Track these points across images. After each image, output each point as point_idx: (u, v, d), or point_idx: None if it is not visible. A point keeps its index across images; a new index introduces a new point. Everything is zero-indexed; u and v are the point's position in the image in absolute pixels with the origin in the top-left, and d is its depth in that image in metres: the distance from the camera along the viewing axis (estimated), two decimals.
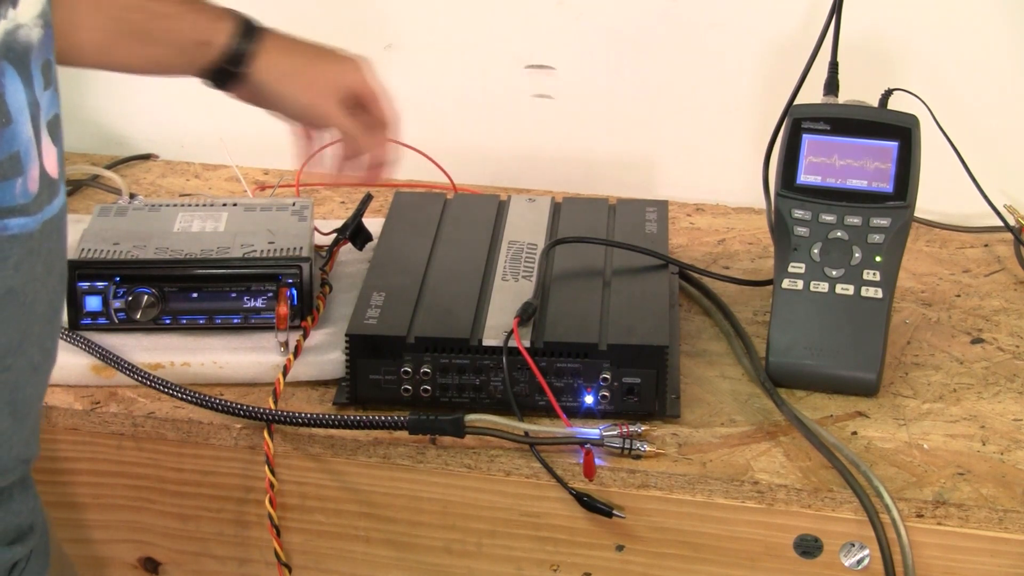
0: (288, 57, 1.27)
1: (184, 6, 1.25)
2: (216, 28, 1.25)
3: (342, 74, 1.29)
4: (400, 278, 1.37)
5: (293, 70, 1.27)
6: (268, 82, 1.27)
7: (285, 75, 1.27)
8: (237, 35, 1.25)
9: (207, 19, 1.25)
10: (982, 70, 1.65)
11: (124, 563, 1.35)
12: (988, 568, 1.19)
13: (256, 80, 1.27)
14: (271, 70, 1.27)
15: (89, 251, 1.37)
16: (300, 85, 1.28)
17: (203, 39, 1.25)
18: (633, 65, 1.72)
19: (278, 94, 1.28)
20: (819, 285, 1.32)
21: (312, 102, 1.28)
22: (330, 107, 1.28)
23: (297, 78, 1.27)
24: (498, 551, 1.27)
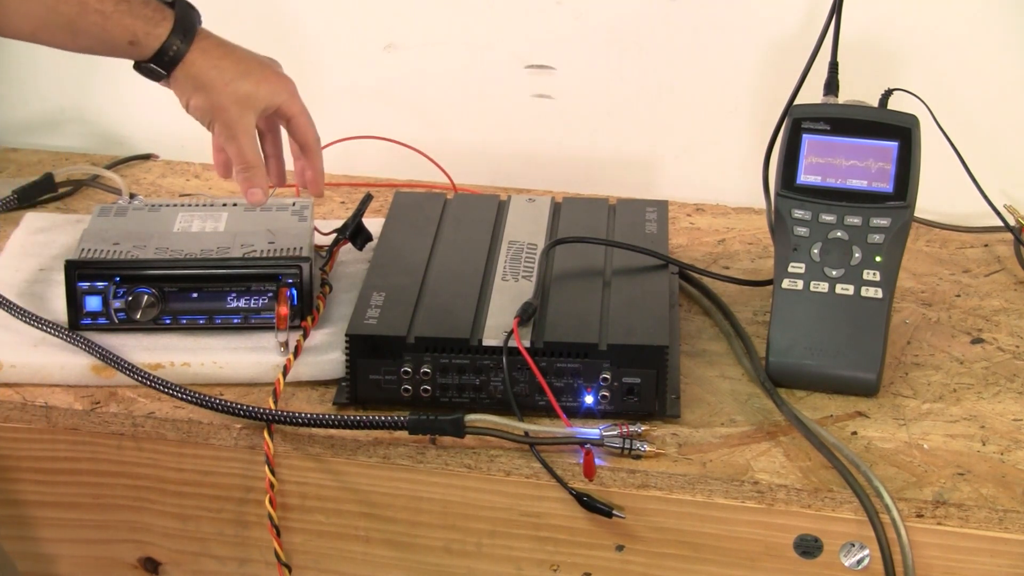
0: (210, 73, 1.30)
1: (121, 5, 1.27)
2: (149, 32, 1.28)
3: (264, 94, 1.32)
4: (400, 278, 1.37)
5: (209, 86, 1.30)
6: (184, 90, 1.31)
7: (199, 89, 1.30)
8: (167, 42, 1.29)
9: (141, 21, 1.28)
10: (982, 70, 1.65)
11: (124, 563, 1.35)
12: (988, 568, 1.19)
13: (179, 83, 1.31)
14: (189, 81, 1.30)
15: (89, 251, 1.37)
16: (212, 103, 1.31)
17: (133, 39, 1.28)
18: (633, 65, 1.72)
19: (191, 104, 1.32)
20: (819, 285, 1.32)
21: (218, 120, 1.31)
22: (237, 132, 1.31)
23: (210, 95, 1.31)
24: (498, 551, 1.27)
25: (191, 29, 1.30)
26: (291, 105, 1.34)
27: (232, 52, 1.32)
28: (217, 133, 1.32)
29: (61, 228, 1.55)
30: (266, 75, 1.33)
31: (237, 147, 1.32)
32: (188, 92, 1.31)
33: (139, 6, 1.28)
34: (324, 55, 1.78)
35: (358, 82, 1.79)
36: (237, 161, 1.32)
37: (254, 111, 1.32)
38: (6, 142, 1.87)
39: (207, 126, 1.33)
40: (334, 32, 1.78)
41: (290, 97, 1.34)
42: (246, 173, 1.32)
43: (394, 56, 1.77)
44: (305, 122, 1.36)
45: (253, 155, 1.32)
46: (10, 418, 1.31)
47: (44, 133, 1.85)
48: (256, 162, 1.33)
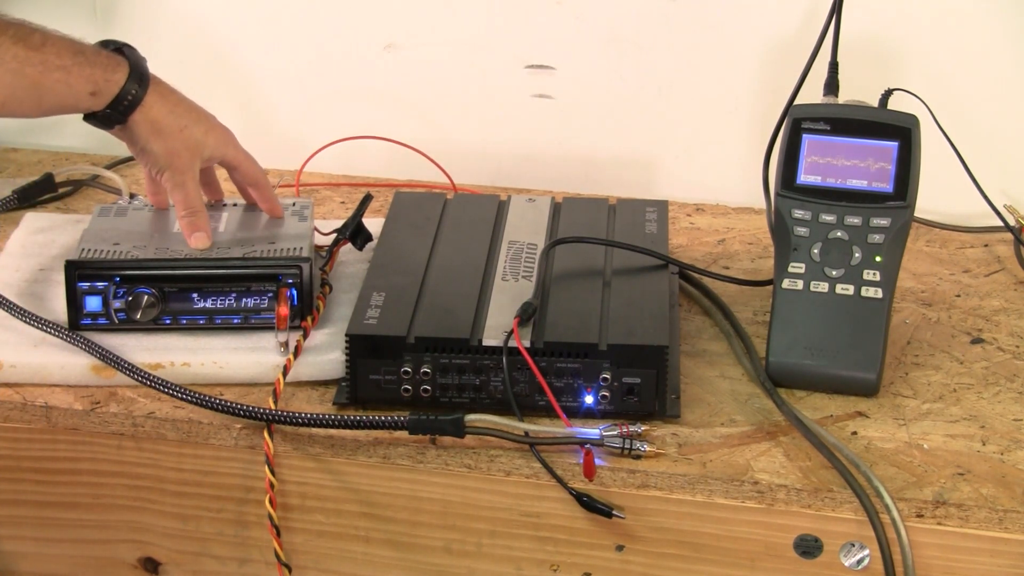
0: (168, 118, 1.37)
1: (77, 57, 1.32)
2: (107, 79, 1.33)
3: (213, 144, 1.40)
4: (400, 278, 1.37)
5: (166, 131, 1.36)
6: (141, 135, 1.36)
7: (156, 134, 1.37)
8: (126, 87, 1.34)
9: (100, 70, 1.33)
10: (982, 70, 1.65)
11: (124, 563, 1.35)
12: (988, 568, 1.19)
13: (131, 129, 1.36)
14: (146, 124, 1.36)
15: (89, 251, 1.37)
16: (167, 148, 1.37)
17: (94, 90, 1.33)
18: (633, 65, 1.72)
19: (145, 149, 1.38)
20: (819, 285, 1.32)
21: (172, 165, 1.38)
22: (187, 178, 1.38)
23: (166, 140, 1.37)
24: (498, 551, 1.27)
25: (145, 74, 1.36)
26: (236, 155, 1.43)
27: (182, 99, 1.40)
28: (166, 179, 1.38)
29: (61, 228, 1.55)
30: (213, 125, 1.41)
31: (184, 193, 1.38)
32: (144, 137, 1.37)
33: (93, 55, 1.34)
34: (324, 55, 1.78)
35: (358, 82, 1.79)
36: (182, 206, 1.38)
37: (201, 158, 1.39)
38: (6, 142, 1.87)
39: (158, 170, 1.38)
40: (334, 32, 1.78)
41: (234, 147, 1.43)
42: (191, 218, 1.38)
43: (394, 56, 1.77)
44: (251, 167, 1.44)
45: (198, 201, 1.39)
46: (10, 418, 1.31)
47: (44, 133, 1.85)
48: (199, 207, 1.39)
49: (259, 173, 1.45)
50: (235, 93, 1.81)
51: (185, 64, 1.80)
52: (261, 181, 1.45)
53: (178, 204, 1.38)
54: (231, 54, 1.81)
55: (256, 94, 1.81)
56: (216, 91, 1.82)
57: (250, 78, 1.80)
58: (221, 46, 1.81)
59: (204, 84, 1.81)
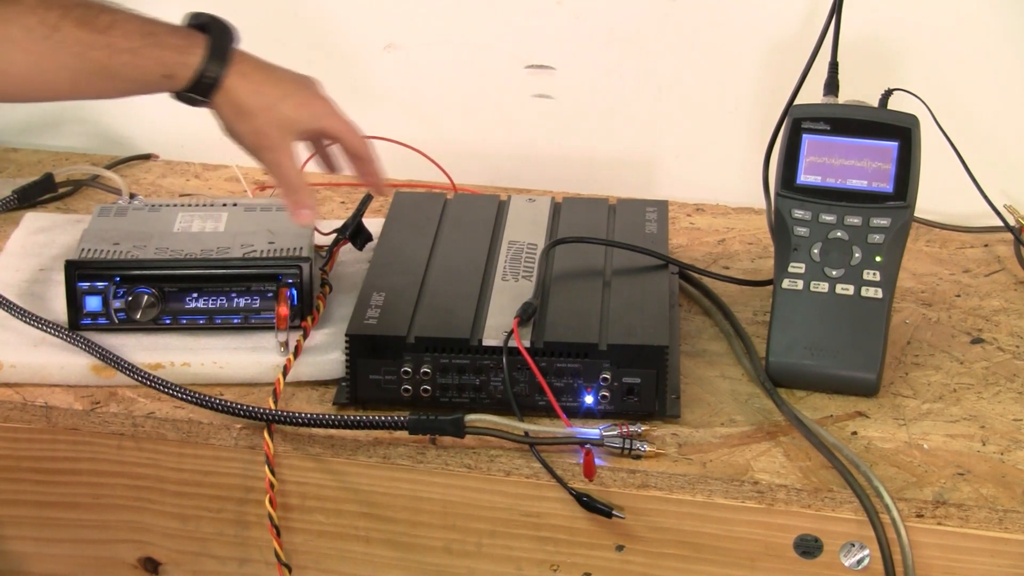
0: (250, 98, 1.28)
1: (148, 39, 1.25)
2: (181, 62, 1.26)
3: (306, 118, 1.30)
4: (400, 278, 1.37)
5: (251, 111, 1.28)
6: (225, 116, 1.29)
7: (241, 115, 1.28)
8: (202, 67, 1.26)
9: (172, 52, 1.25)
10: (982, 70, 1.65)
11: (124, 563, 1.35)
12: (988, 568, 1.19)
13: (220, 109, 1.28)
14: (229, 107, 1.28)
15: (89, 251, 1.37)
16: (254, 128, 1.29)
17: (168, 73, 1.26)
18: (633, 65, 1.72)
19: (232, 130, 1.30)
20: (819, 285, 1.32)
21: (261, 145, 1.29)
22: (280, 156, 1.29)
23: (252, 120, 1.28)
24: (498, 551, 1.27)
25: (226, 52, 1.27)
26: (334, 125, 1.32)
27: (271, 74, 1.30)
28: (259, 158, 1.30)
29: (61, 228, 1.55)
30: (305, 98, 1.31)
31: (281, 171, 1.30)
32: (229, 117, 1.29)
33: (168, 36, 1.26)
34: (324, 55, 1.78)
35: (358, 82, 1.79)
36: (282, 183, 1.30)
37: (295, 134, 1.30)
38: (6, 142, 1.87)
39: (248, 151, 1.31)
40: (334, 32, 1.78)
41: (331, 118, 1.32)
42: (293, 196, 1.30)
43: (394, 56, 1.77)
44: (352, 138, 1.33)
45: (297, 177, 1.30)
46: (10, 418, 1.31)
47: (44, 133, 1.85)
48: (300, 183, 1.30)
49: (361, 145, 1.34)
50: None
51: None
52: (363, 153, 1.34)
53: (277, 183, 1.31)
54: None
55: None
56: None
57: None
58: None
59: None
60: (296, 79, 1.32)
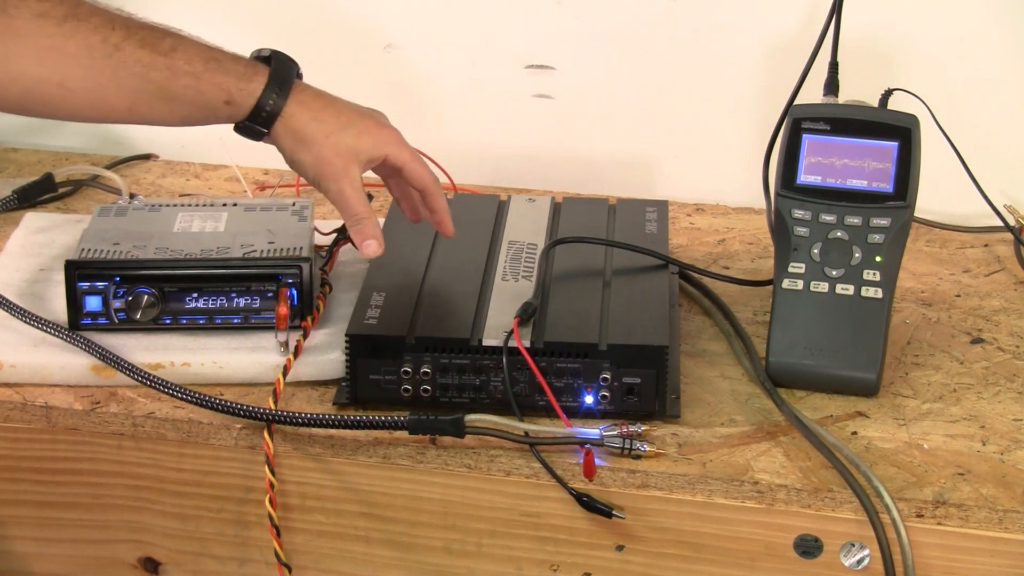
0: (311, 125, 1.27)
1: (210, 64, 1.24)
2: (242, 88, 1.25)
3: (368, 146, 1.29)
4: (400, 278, 1.37)
5: (311, 140, 1.27)
6: (286, 146, 1.28)
7: (302, 144, 1.27)
8: (263, 97, 1.25)
9: (234, 78, 1.25)
10: (982, 70, 1.65)
11: (124, 563, 1.35)
12: (988, 568, 1.19)
13: (280, 138, 1.27)
14: (290, 136, 1.27)
15: (89, 251, 1.37)
16: (315, 157, 1.27)
17: (228, 99, 1.25)
18: (633, 65, 1.72)
19: (293, 160, 1.29)
20: (819, 285, 1.32)
21: (323, 174, 1.28)
22: (344, 185, 1.27)
23: (313, 148, 1.27)
24: (498, 551, 1.27)
25: (287, 82, 1.27)
26: (399, 155, 1.30)
27: (332, 104, 1.29)
28: (323, 187, 1.29)
29: (61, 228, 1.55)
30: (367, 126, 1.29)
31: (344, 201, 1.28)
32: (290, 147, 1.28)
33: (230, 63, 1.25)
34: (324, 55, 1.78)
35: (358, 82, 1.78)
36: (346, 214, 1.29)
37: (358, 163, 1.28)
38: (6, 142, 1.87)
39: (311, 181, 1.30)
40: (334, 32, 1.78)
41: (396, 147, 1.30)
42: (358, 226, 1.29)
43: (394, 56, 1.77)
44: (417, 168, 1.32)
45: (361, 207, 1.29)
46: (10, 418, 1.31)
47: (44, 133, 1.85)
48: (365, 213, 1.29)
49: (427, 177, 1.32)
50: None
51: None
52: (429, 186, 1.33)
53: (343, 213, 1.29)
54: None
55: None
56: None
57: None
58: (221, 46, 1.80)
59: None
60: (359, 109, 1.31)
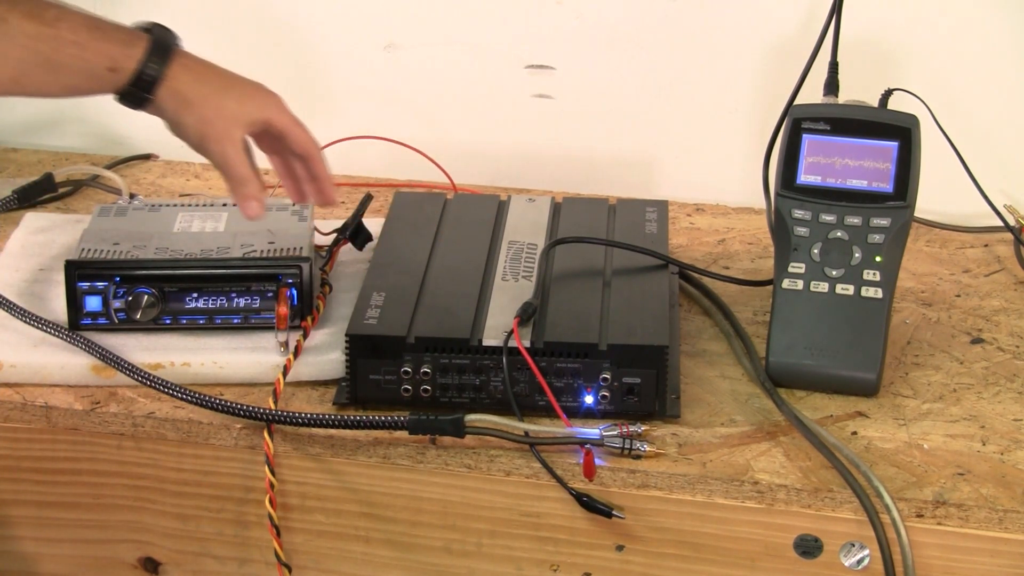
0: (194, 87, 1.27)
1: (94, 32, 1.25)
2: (126, 54, 1.25)
3: (251, 109, 1.29)
4: (400, 278, 1.37)
5: (195, 101, 1.27)
6: (169, 109, 1.28)
7: (185, 105, 1.27)
8: (146, 61, 1.26)
9: (117, 45, 1.25)
10: (982, 70, 1.65)
11: (124, 563, 1.35)
12: (988, 568, 1.19)
13: (160, 106, 1.27)
14: (174, 98, 1.27)
15: (89, 251, 1.37)
16: (199, 117, 1.27)
17: (112, 66, 1.25)
18: (633, 65, 1.72)
19: (177, 123, 1.28)
20: (819, 285, 1.32)
21: (207, 135, 1.28)
22: (226, 146, 1.28)
23: (197, 109, 1.27)
24: (498, 551, 1.27)
25: (168, 47, 1.28)
26: (280, 118, 1.31)
27: (214, 68, 1.30)
28: (207, 149, 1.29)
29: (61, 228, 1.55)
30: (251, 90, 1.30)
31: (227, 162, 1.28)
32: (174, 110, 1.28)
33: (113, 31, 1.26)
34: (324, 55, 1.78)
35: (358, 82, 1.79)
36: (229, 175, 1.29)
37: (241, 125, 1.29)
38: (6, 142, 1.87)
39: (194, 144, 1.29)
40: (334, 32, 1.78)
41: (278, 111, 1.31)
42: (241, 188, 1.29)
43: (394, 56, 1.77)
44: (300, 133, 1.31)
45: (244, 168, 1.28)
46: (10, 418, 1.31)
47: (44, 133, 1.85)
48: (249, 175, 1.29)
49: (310, 142, 1.31)
50: None
51: None
52: (312, 152, 1.32)
53: (224, 175, 1.28)
54: (231, 54, 1.80)
55: None
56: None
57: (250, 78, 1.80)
58: (221, 46, 1.80)
59: None
60: (237, 76, 1.32)
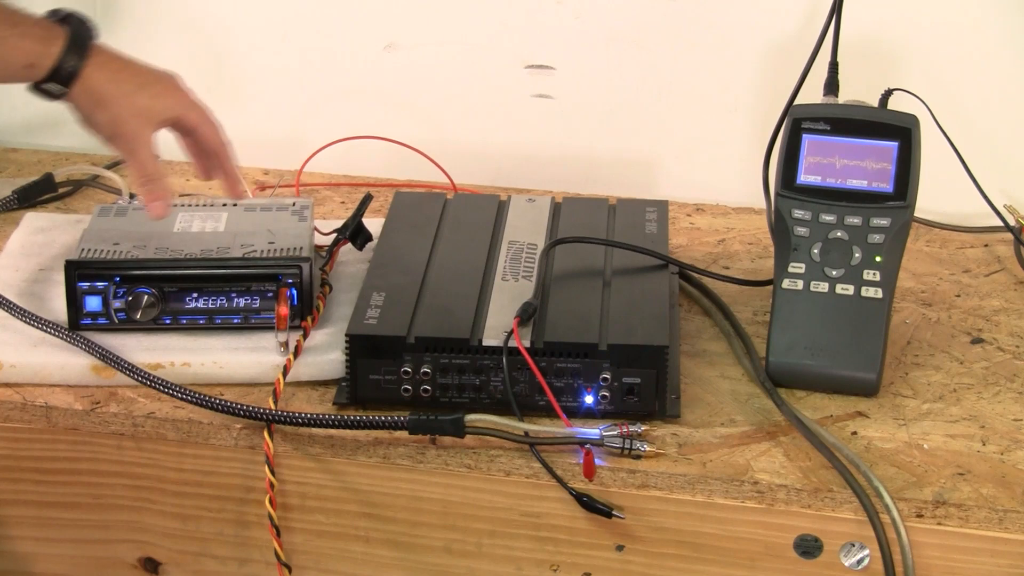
0: (108, 86, 1.30)
1: (13, 28, 1.26)
2: (42, 51, 1.27)
3: (163, 107, 1.32)
4: (400, 278, 1.37)
5: (108, 99, 1.30)
6: (83, 106, 1.30)
7: (98, 103, 1.30)
8: (63, 58, 1.28)
9: (35, 41, 1.27)
10: (982, 70, 1.65)
11: (124, 563, 1.35)
12: (988, 568, 1.19)
13: (78, 99, 1.30)
14: (87, 96, 1.30)
15: (89, 251, 1.37)
16: (111, 116, 1.30)
17: (29, 62, 1.27)
18: (633, 65, 1.72)
19: (90, 119, 1.31)
20: (819, 285, 1.32)
21: (118, 133, 1.31)
22: (136, 145, 1.31)
23: (110, 108, 1.30)
24: (498, 551, 1.27)
25: (85, 44, 1.29)
26: (190, 115, 1.34)
27: (129, 65, 1.32)
28: (117, 147, 1.32)
29: (61, 228, 1.55)
30: (163, 88, 1.33)
31: (137, 161, 1.32)
32: (87, 107, 1.30)
33: (30, 27, 1.28)
34: (324, 55, 1.78)
35: (358, 82, 1.79)
36: (137, 175, 1.32)
37: (152, 124, 1.32)
38: (6, 142, 1.87)
39: (106, 141, 1.33)
40: (334, 32, 1.78)
41: (189, 108, 1.34)
42: (148, 186, 1.33)
43: (394, 56, 1.77)
44: (209, 131, 1.35)
45: (153, 167, 1.33)
46: (10, 418, 1.31)
47: (44, 133, 1.85)
48: (157, 174, 1.33)
49: (218, 139, 1.36)
50: (236, 93, 1.81)
51: (185, 63, 1.80)
52: (220, 149, 1.36)
53: (133, 173, 1.33)
54: (231, 54, 1.81)
55: (256, 94, 1.81)
56: (216, 90, 1.82)
57: (250, 78, 1.80)
58: (221, 45, 1.81)
59: (204, 83, 1.82)
60: (155, 71, 1.34)
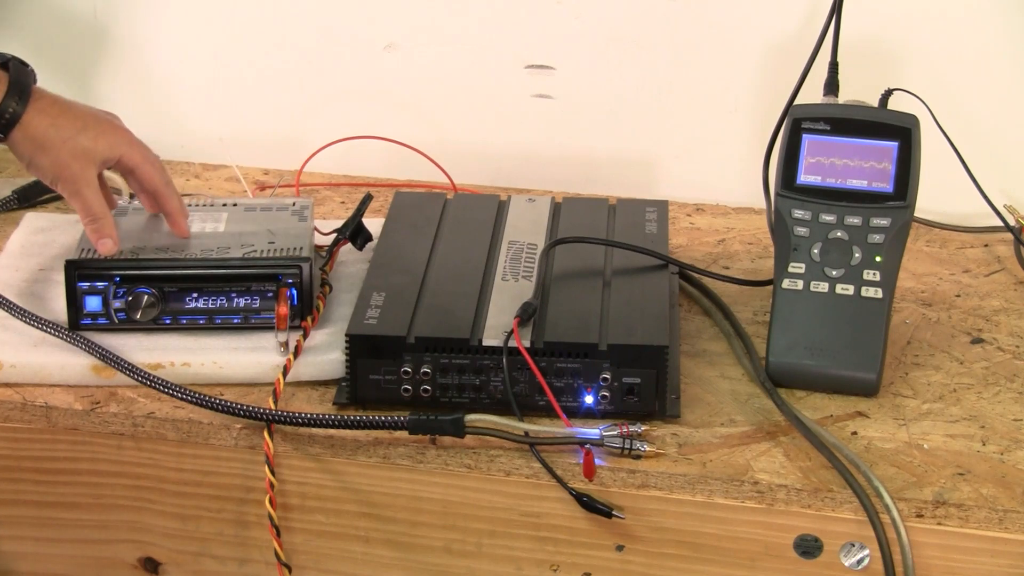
0: (48, 131, 1.32)
1: None
2: None
3: (103, 148, 1.34)
4: (400, 278, 1.37)
5: (48, 145, 1.32)
6: (24, 152, 1.33)
7: (39, 149, 1.32)
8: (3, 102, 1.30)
9: None
10: (982, 70, 1.65)
11: (124, 563, 1.35)
12: (988, 568, 1.19)
13: (18, 144, 1.32)
14: (29, 142, 1.32)
15: (89, 251, 1.37)
16: (53, 161, 1.33)
17: None
18: (633, 65, 1.72)
19: (31, 164, 1.34)
20: (819, 285, 1.32)
21: (61, 177, 1.34)
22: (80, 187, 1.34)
23: (51, 153, 1.33)
24: (498, 551, 1.27)
25: (26, 89, 1.32)
26: (131, 156, 1.36)
27: (69, 109, 1.34)
28: (61, 189, 1.35)
29: (61, 228, 1.55)
30: (103, 129, 1.35)
31: (82, 201, 1.34)
32: (29, 152, 1.33)
33: None
34: (324, 55, 1.78)
35: (358, 82, 1.79)
36: (84, 215, 1.35)
37: (94, 164, 1.34)
38: None
39: (50, 183, 1.35)
40: (334, 32, 1.78)
41: (129, 148, 1.36)
42: (94, 224, 1.35)
43: (394, 56, 1.77)
44: (147, 170, 1.38)
45: (98, 207, 1.35)
46: (10, 418, 1.31)
47: None
48: (102, 213, 1.35)
49: (157, 179, 1.38)
50: (236, 93, 1.81)
51: (185, 64, 1.81)
52: (160, 188, 1.39)
53: (79, 213, 1.35)
54: (232, 54, 1.81)
55: (256, 94, 1.81)
56: (217, 90, 1.82)
57: (250, 78, 1.80)
58: (222, 46, 1.81)
59: (205, 83, 1.82)
60: (95, 113, 1.37)
